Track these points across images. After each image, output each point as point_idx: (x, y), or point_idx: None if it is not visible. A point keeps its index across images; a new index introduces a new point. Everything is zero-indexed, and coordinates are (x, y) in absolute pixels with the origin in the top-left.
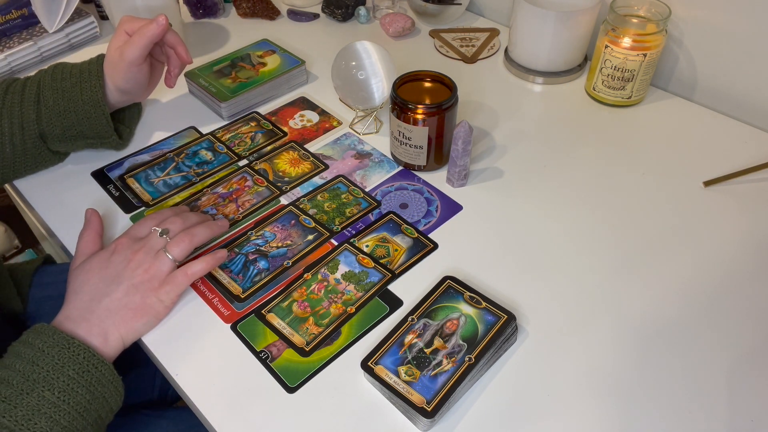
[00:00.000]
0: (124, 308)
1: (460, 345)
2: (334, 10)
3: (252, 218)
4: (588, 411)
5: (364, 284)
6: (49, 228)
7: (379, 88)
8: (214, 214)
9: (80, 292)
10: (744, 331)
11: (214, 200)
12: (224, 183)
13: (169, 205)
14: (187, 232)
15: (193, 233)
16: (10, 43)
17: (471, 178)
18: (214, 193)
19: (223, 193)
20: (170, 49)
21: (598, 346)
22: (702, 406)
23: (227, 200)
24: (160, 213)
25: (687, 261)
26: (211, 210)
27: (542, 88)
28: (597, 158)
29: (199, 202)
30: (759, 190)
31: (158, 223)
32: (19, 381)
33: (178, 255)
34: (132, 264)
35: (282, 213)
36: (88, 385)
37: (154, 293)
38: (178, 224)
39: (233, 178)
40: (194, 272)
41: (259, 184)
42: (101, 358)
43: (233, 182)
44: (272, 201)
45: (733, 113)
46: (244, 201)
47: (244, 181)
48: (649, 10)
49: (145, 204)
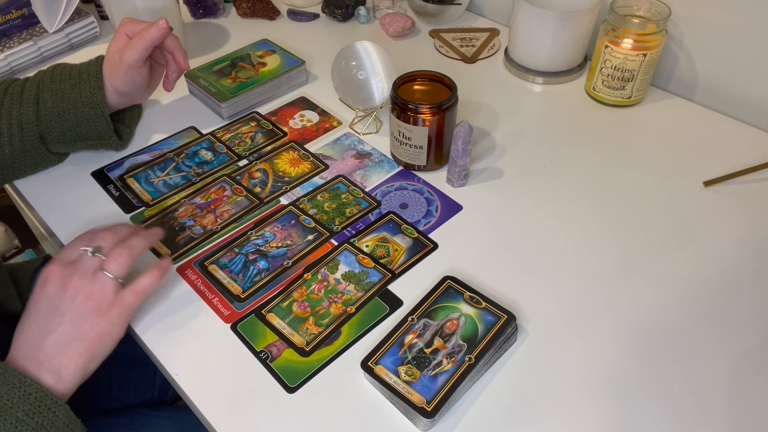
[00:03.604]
0: (74, 341)
1: (460, 345)
2: (334, 10)
3: (229, 232)
4: (588, 411)
5: (364, 284)
6: (49, 228)
7: (379, 88)
8: (191, 225)
9: (22, 329)
10: (744, 330)
11: (191, 211)
12: (203, 193)
13: (170, 205)
14: (123, 245)
15: (129, 245)
16: (10, 43)
17: (471, 178)
18: (192, 203)
19: (201, 204)
20: (169, 54)
21: (598, 345)
22: (702, 406)
23: (205, 211)
24: (88, 232)
25: (687, 261)
26: (188, 221)
27: (542, 88)
28: (597, 158)
29: (176, 213)
30: (759, 190)
31: (87, 243)
32: None
33: (118, 272)
34: (69, 293)
35: (282, 213)
36: (39, 427)
37: (104, 319)
38: (109, 239)
39: (212, 188)
40: (144, 289)
41: (237, 194)
42: (55, 398)
43: (211, 192)
44: (251, 211)
45: (733, 113)
46: (223, 211)
47: (222, 191)
48: (649, 10)
49: (145, 204)
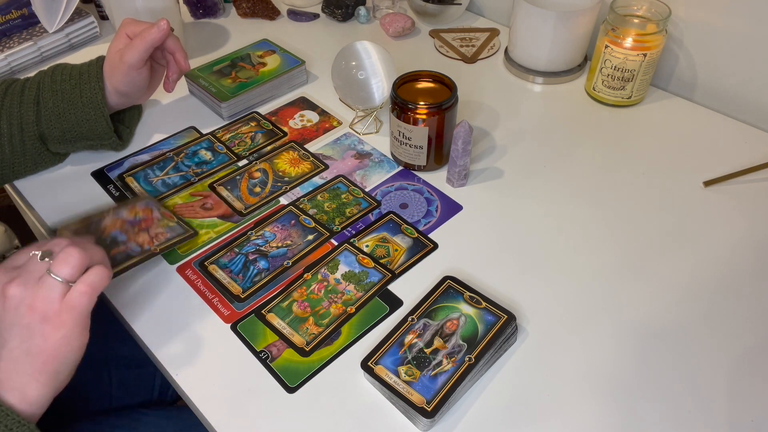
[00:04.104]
0: (28, 356)
1: (460, 345)
2: (334, 10)
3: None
4: (588, 411)
5: (364, 284)
6: (49, 228)
7: (379, 88)
8: (124, 241)
9: None
10: (744, 330)
11: (120, 225)
12: (128, 207)
13: (168, 205)
14: (75, 245)
15: (83, 245)
16: (10, 43)
17: (471, 178)
18: (118, 216)
19: (129, 219)
20: (170, 55)
21: (598, 346)
22: (702, 406)
23: (137, 228)
24: (45, 240)
25: (687, 261)
26: (120, 236)
27: (542, 88)
28: (597, 158)
29: (102, 224)
30: (759, 190)
31: (39, 247)
32: None
33: (68, 274)
34: (10, 302)
35: (282, 213)
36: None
37: (55, 328)
38: (63, 243)
39: (136, 204)
40: (91, 284)
41: (168, 219)
42: (20, 419)
43: (138, 209)
44: (185, 240)
45: (733, 113)
46: (158, 233)
47: (150, 211)
48: (649, 10)
49: None
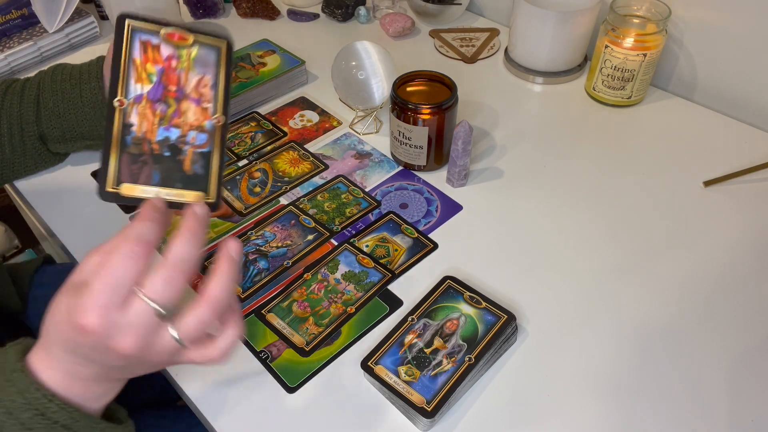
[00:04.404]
0: (106, 381)
1: (460, 345)
2: (334, 10)
3: None
4: (588, 411)
5: (364, 284)
6: (49, 228)
7: (379, 88)
8: (180, 139)
9: (54, 359)
10: (744, 330)
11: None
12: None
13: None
14: (202, 301)
15: (208, 297)
16: (10, 43)
17: (471, 178)
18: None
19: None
20: None
21: (597, 346)
22: (702, 406)
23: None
24: (120, 245)
25: (687, 261)
26: (170, 133)
27: (542, 88)
28: (597, 158)
29: None
30: (759, 190)
31: (133, 272)
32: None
33: (189, 333)
34: (119, 354)
35: (282, 213)
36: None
37: (147, 371)
38: (162, 276)
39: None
40: (226, 352)
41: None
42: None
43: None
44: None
45: (733, 113)
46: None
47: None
48: (649, 10)
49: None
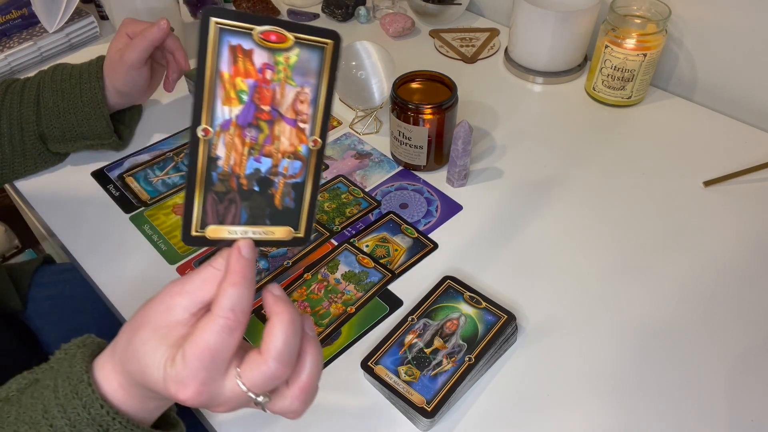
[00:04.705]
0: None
1: (460, 345)
2: (334, 10)
3: None
4: (588, 411)
5: (364, 284)
6: (49, 228)
7: (379, 88)
8: (271, 170)
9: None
10: (744, 330)
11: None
12: None
13: (168, 205)
14: (304, 389)
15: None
16: (10, 43)
17: (471, 178)
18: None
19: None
20: (170, 54)
21: (597, 346)
22: (702, 406)
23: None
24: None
25: (687, 261)
26: (260, 164)
27: (542, 88)
28: (597, 158)
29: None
30: (759, 190)
31: (231, 365)
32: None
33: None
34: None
35: None
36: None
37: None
38: (263, 372)
39: None
40: (300, 412)
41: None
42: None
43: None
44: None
45: (733, 113)
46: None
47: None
48: (649, 10)
49: (144, 203)
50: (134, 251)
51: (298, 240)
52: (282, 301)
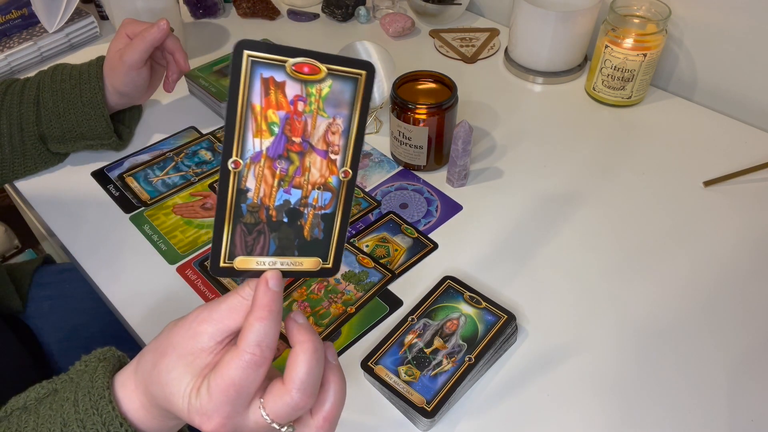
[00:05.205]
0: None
1: (460, 345)
2: (334, 10)
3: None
4: (588, 411)
5: (364, 284)
6: (49, 228)
7: (379, 88)
8: (301, 201)
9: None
10: (744, 331)
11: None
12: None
13: (168, 205)
14: (329, 416)
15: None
16: (10, 43)
17: (471, 178)
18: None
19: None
20: (170, 55)
21: (598, 346)
22: (702, 406)
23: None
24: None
25: (687, 261)
26: (290, 196)
27: (542, 88)
28: (597, 158)
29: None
30: (759, 190)
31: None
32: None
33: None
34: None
35: None
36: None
37: None
38: (286, 402)
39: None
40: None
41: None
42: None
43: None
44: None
45: (733, 113)
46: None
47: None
48: (649, 10)
49: (144, 203)
50: (134, 251)
51: (326, 271)
52: (305, 329)
